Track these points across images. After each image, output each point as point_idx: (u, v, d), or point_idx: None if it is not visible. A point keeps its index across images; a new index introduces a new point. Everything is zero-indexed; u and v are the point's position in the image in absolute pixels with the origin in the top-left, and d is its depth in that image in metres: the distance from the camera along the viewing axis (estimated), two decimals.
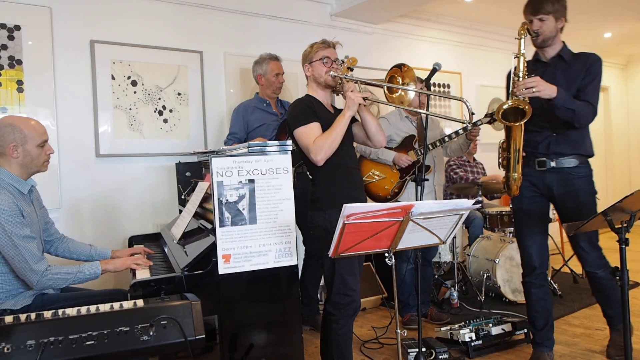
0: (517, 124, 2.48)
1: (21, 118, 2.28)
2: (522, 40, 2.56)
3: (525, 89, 2.46)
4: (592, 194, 2.73)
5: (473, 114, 2.39)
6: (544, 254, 2.83)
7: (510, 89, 2.56)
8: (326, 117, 2.50)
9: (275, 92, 3.60)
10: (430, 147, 3.54)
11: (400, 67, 2.55)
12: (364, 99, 2.44)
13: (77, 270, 2.23)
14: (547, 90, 2.47)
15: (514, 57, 2.56)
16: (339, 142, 2.43)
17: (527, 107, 2.43)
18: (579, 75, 2.62)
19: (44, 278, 2.13)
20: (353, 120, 2.64)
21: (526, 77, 2.53)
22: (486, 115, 3.65)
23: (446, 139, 3.58)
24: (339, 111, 2.58)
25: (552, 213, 3.80)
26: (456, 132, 3.58)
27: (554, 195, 2.75)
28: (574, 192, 2.70)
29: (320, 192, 2.50)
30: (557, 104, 2.50)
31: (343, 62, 2.61)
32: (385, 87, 2.52)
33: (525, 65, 2.56)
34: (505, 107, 2.47)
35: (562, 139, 2.69)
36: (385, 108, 4.93)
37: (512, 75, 2.57)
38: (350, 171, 2.56)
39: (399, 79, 2.56)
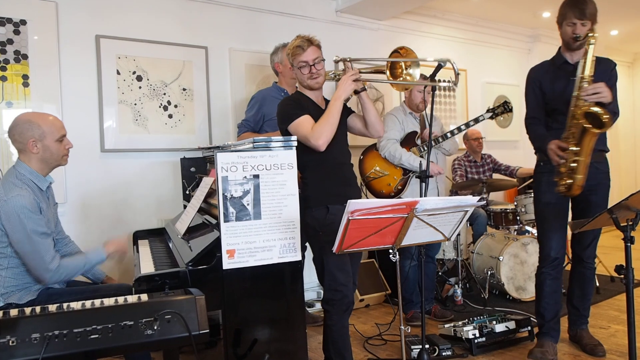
0: (597, 130, 2.51)
1: (38, 114, 2.31)
2: (593, 47, 2.59)
3: (593, 94, 2.52)
4: (609, 189, 2.85)
5: (458, 74, 2.46)
6: (564, 246, 2.91)
7: (576, 92, 2.60)
8: (315, 111, 2.48)
9: (294, 77, 3.52)
10: (434, 144, 3.53)
11: (398, 52, 2.56)
12: (357, 80, 2.43)
13: (85, 260, 2.30)
14: (609, 96, 2.54)
15: (582, 62, 2.60)
16: (337, 125, 2.41)
17: (607, 120, 2.48)
18: (603, 79, 2.67)
19: (55, 275, 2.19)
20: (349, 112, 2.63)
21: (592, 82, 2.57)
22: (488, 111, 3.63)
23: (449, 134, 3.57)
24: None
25: None
26: (458, 128, 3.57)
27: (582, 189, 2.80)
28: (597, 185, 2.80)
29: (309, 190, 2.49)
30: (608, 108, 2.58)
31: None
32: (387, 63, 2.57)
33: (593, 69, 2.59)
34: (592, 109, 2.51)
35: None
36: (390, 104, 4.92)
37: (577, 79, 2.60)
38: (341, 167, 2.55)
39: (402, 64, 2.57)
